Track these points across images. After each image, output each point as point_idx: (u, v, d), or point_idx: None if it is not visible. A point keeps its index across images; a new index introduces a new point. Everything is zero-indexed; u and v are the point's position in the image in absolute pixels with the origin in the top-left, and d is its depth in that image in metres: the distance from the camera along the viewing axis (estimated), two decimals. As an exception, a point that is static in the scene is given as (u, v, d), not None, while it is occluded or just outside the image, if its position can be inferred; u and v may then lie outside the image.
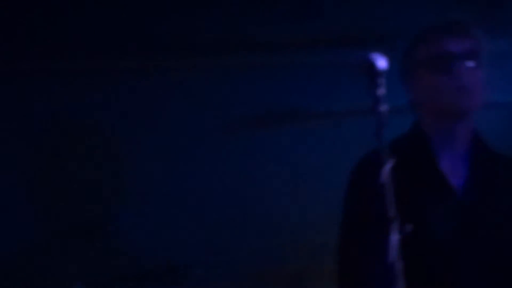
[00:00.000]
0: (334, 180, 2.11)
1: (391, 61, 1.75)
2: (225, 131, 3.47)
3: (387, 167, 1.62)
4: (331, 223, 2.04)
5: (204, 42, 3.54)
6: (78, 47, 3.65)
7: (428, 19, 2.16)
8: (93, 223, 3.48)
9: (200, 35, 3.54)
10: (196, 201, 3.39)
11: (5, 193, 3.42)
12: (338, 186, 2.06)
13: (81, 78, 3.68)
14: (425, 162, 2.01)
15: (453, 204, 1.91)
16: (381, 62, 1.73)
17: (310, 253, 3.23)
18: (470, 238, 1.89)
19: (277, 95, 3.26)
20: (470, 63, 1.98)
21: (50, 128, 3.73)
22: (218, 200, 3.37)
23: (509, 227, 1.79)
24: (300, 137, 3.30)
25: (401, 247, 1.55)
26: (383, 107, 1.70)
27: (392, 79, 1.80)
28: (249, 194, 3.26)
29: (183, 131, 3.54)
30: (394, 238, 1.54)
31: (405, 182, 1.79)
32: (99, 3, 3.51)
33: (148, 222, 3.38)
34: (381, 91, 1.71)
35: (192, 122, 3.55)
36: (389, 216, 1.55)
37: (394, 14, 3.12)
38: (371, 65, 1.73)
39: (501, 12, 3.30)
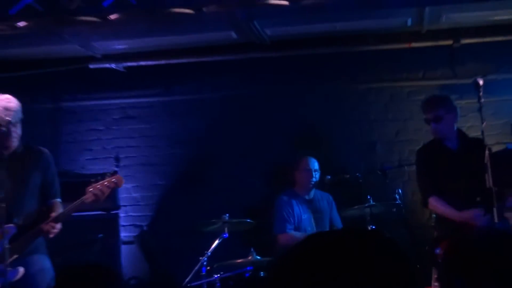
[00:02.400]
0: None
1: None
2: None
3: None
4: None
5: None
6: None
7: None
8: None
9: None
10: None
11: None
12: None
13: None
14: (441, 147, 5.19)
15: (454, 156, 5.10)
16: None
17: None
18: (462, 170, 5.01)
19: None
20: (435, 122, 5.12)
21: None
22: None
23: (478, 166, 4.69)
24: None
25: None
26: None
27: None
28: None
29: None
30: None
31: (435, 154, 5.18)
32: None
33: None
34: None
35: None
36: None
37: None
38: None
39: None
